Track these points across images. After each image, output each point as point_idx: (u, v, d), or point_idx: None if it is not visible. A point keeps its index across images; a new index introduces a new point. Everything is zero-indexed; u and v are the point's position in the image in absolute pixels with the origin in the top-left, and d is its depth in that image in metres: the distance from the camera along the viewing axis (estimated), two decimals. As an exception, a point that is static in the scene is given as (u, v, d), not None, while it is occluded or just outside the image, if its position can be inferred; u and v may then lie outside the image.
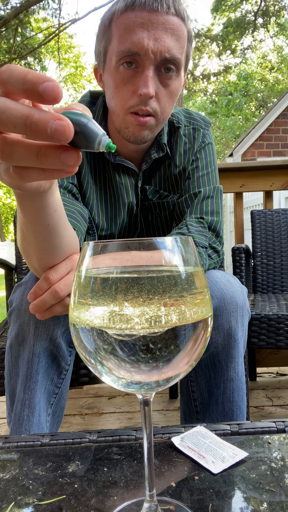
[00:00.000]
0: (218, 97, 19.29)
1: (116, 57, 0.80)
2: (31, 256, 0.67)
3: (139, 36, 0.76)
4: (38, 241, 0.62)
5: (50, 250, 0.64)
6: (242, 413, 0.82)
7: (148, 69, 0.78)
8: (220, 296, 0.80)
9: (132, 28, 0.77)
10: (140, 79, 0.79)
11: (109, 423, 1.63)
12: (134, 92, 0.80)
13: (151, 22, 0.76)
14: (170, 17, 0.77)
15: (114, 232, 0.99)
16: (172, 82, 0.83)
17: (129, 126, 0.84)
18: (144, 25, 0.76)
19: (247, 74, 18.53)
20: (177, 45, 0.79)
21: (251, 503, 0.42)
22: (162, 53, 0.77)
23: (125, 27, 0.78)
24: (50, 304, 0.65)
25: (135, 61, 0.79)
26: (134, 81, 0.80)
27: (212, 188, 0.96)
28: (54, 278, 0.65)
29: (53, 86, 0.34)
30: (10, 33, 9.09)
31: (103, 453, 0.53)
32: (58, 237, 0.63)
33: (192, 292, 0.34)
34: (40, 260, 0.66)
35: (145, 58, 0.77)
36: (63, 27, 9.76)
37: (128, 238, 0.61)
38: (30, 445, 0.57)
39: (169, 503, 0.42)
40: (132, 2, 0.77)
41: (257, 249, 1.85)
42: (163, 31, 0.77)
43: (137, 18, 0.76)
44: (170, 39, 0.78)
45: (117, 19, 0.79)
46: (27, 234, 0.62)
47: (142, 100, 0.80)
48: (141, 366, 0.33)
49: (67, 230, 0.65)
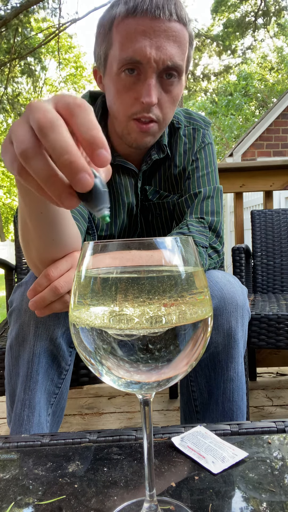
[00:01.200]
0: (218, 97, 19.28)
1: (118, 64, 0.79)
2: (29, 246, 0.67)
3: (141, 45, 0.76)
4: (34, 228, 0.62)
5: (47, 240, 0.64)
6: (242, 413, 0.82)
7: (151, 77, 0.78)
8: (220, 296, 0.80)
9: (134, 35, 0.76)
10: (142, 87, 0.79)
11: (109, 423, 1.63)
12: (136, 99, 0.80)
13: (153, 30, 0.76)
14: (172, 24, 0.77)
15: (114, 233, 0.99)
16: (174, 88, 0.83)
17: (132, 132, 0.85)
18: (146, 33, 0.76)
19: (247, 74, 18.53)
20: (179, 52, 0.79)
21: (251, 503, 0.42)
22: (164, 61, 0.77)
23: (126, 34, 0.77)
24: (50, 300, 0.65)
25: (137, 68, 0.78)
26: (136, 88, 0.80)
27: (212, 188, 0.96)
28: (54, 275, 0.65)
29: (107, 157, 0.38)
30: (10, 33, 9.09)
31: (103, 453, 0.53)
32: (55, 229, 0.62)
33: (192, 292, 0.34)
34: (37, 250, 0.66)
35: (148, 67, 0.77)
36: (63, 27, 9.76)
37: (128, 238, 0.61)
38: (30, 445, 0.57)
39: (169, 503, 0.42)
40: (134, 8, 0.76)
41: (257, 249, 1.85)
42: (165, 39, 0.76)
43: (139, 25, 0.76)
44: (172, 47, 0.77)
45: (118, 24, 0.78)
46: (25, 219, 0.62)
47: (145, 108, 0.80)
48: (141, 366, 0.33)
49: (67, 227, 0.65)
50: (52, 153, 0.37)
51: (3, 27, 8.64)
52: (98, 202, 0.39)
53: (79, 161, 0.37)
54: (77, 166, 0.36)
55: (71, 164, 0.36)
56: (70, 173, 0.37)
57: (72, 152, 0.37)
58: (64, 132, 0.37)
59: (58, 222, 0.62)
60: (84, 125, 0.38)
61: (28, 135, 0.39)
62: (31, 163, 0.39)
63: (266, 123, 8.32)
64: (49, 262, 0.67)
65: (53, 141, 0.37)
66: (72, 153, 0.36)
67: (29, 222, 0.61)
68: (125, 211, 0.98)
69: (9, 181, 22.20)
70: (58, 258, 0.67)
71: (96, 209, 0.39)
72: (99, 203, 0.39)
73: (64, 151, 0.36)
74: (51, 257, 0.66)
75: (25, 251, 0.69)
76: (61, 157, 0.37)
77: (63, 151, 0.36)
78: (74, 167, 0.36)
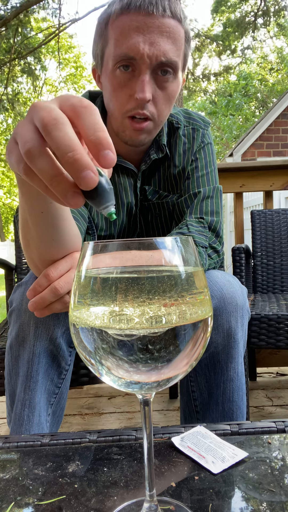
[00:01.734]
0: (217, 98, 19.29)
1: (113, 61, 0.80)
2: (30, 246, 0.67)
3: (135, 41, 0.76)
4: (34, 227, 0.62)
5: (47, 240, 0.64)
6: (242, 413, 0.82)
7: (144, 73, 0.78)
8: (220, 296, 0.80)
9: (127, 32, 0.77)
10: (136, 83, 0.79)
11: (109, 423, 1.63)
12: (131, 96, 0.81)
13: (146, 26, 0.76)
14: (166, 20, 0.77)
15: (114, 233, 0.99)
16: (169, 85, 0.83)
17: (126, 130, 0.85)
18: (139, 29, 0.76)
19: (247, 74, 18.53)
20: (173, 48, 0.79)
21: (251, 503, 0.42)
22: (158, 57, 0.77)
23: (120, 31, 0.78)
24: (50, 301, 0.65)
25: (131, 65, 0.79)
26: (131, 84, 0.80)
27: (212, 188, 0.96)
28: (54, 275, 0.65)
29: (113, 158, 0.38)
30: (10, 33, 9.09)
31: (103, 453, 0.53)
32: (55, 229, 0.62)
33: (192, 292, 0.34)
34: (38, 250, 0.66)
35: (141, 63, 0.78)
36: (63, 27, 9.76)
37: (128, 238, 0.61)
38: (30, 445, 0.57)
39: (169, 503, 0.42)
40: (128, 5, 0.76)
41: (257, 249, 1.85)
42: (158, 34, 0.77)
43: (133, 21, 0.76)
44: (166, 43, 0.78)
45: (113, 21, 0.79)
46: (26, 218, 0.62)
47: (139, 104, 0.80)
48: (141, 366, 0.33)
49: (68, 226, 0.65)
50: (57, 151, 0.37)
51: (3, 27, 8.65)
52: (103, 200, 0.39)
53: (84, 158, 0.36)
54: (82, 164, 0.36)
55: (75, 162, 0.36)
56: (74, 171, 0.37)
57: (76, 149, 0.36)
58: (69, 130, 0.37)
59: (59, 222, 0.62)
60: (90, 127, 0.38)
61: (32, 135, 0.39)
62: (36, 162, 0.39)
63: (266, 123, 8.32)
64: (49, 262, 0.67)
65: (57, 138, 0.37)
66: (76, 151, 0.36)
67: (30, 222, 0.61)
68: (124, 211, 0.98)
69: (9, 181, 22.20)
70: (58, 258, 0.67)
71: (102, 207, 0.39)
72: (104, 200, 0.39)
73: (69, 148, 0.36)
74: (51, 257, 0.66)
75: (26, 251, 0.69)
76: (66, 154, 0.36)
77: (67, 149, 0.36)
78: (79, 165, 0.36)
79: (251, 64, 19.39)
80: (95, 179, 0.37)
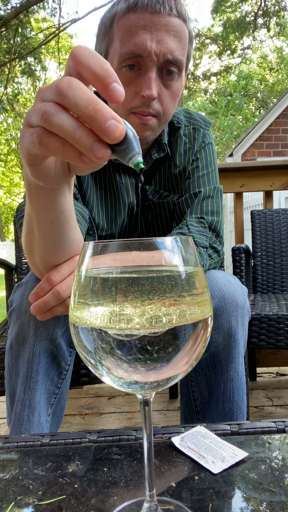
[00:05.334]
0: (217, 98, 19.28)
1: (119, 59, 0.80)
2: (33, 251, 0.67)
3: (142, 38, 0.76)
4: (41, 236, 0.62)
5: (52, 247, 0.64)
6: (242, 413, 0.82)
7: (151, 71, 0.78)
8: (220, 296, 0.80)
9: (134, 30, 0.77)
10: (142, 81, 0.79)
11: (109, 423, 1.63)
12: (136, 94, 0.80)
13: (153, 24, 0.76)
14: (172, 19, 0.77)
15: (115, 232, 0.99)
16: (174, 83, 0.83)
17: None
18: (146, 26, 0.76)
19: (247, 74, 18.52)
20: (179, 47, 0.79)
21: (251, 503, 0.42)
22: (164, 54, 0.77)
23: (127, 29, 0.77)
24: (52, 305, 0.65)
25: (137, 63, 0.79)
26: (137, 82, 0.80)
27: (212, 188, 0.96)
28: (56, 279, 0.65)
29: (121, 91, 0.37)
30: (10, 33, 9.09)
31: (103, 453, 0.53)
32: (62, 236, 0.63)
33: (192, 292, 0.34)
34: (41, 256, 0.66)
35: (148, 60, 0.77)
36: (63, 27, 9.76)
37: (129, 238, 0.61)
38: (30, 445, 0.57)
39: (169, 503, 0.42)
40: (134, 4, 0.76)
41: (257, 249, 1.85)
42: (165, 33, 0.77)
43: (140, 20, 0.76)
44: (172, 41, 0.78)
45: (118, 20, 0.79)
46: (32, 226, 0.62)
47: (145, 102, 0.80)
48: (141, 366, 0.33)
49: (73, 233, 0.65)
50: (76, 109, 0.37)
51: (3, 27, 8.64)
52: (130, 148, 0.38)
53: (105, 108, 0.36)
54: (104, 114, 0.36)
55: (97, 113, 0.36)
56: (98, 122, 0.36)
57: (96, 101, 0.36)
58: (83, 87, 0.37)
59: (66, 230, 0.62)
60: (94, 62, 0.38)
61: (46, 103, 0.39)
62: (55, 119, 0.38)
63: (266, 123, 8.31)
64: (52, 266, 0.67)
65: (74, 97, 0.36)
66: (96, 102, 0.36)
67: (37, 231, 0.61)
68: (125, 211, 0.98)
69: (9, 181, 22.19)
70: (61, 262, 0.67)
71: (128, 157, 0.38)
72: (130, 149, 0.38)
73: (87, 102, 0.36)
74: (54, 262, 0.67)
75: (28, 255, 0.70)
76: (86, 108, 0.36)
77: (86, 103, 0.36)
78: (101, 115, 0.36)
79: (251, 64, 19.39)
80: (120, 127, 0.36)
